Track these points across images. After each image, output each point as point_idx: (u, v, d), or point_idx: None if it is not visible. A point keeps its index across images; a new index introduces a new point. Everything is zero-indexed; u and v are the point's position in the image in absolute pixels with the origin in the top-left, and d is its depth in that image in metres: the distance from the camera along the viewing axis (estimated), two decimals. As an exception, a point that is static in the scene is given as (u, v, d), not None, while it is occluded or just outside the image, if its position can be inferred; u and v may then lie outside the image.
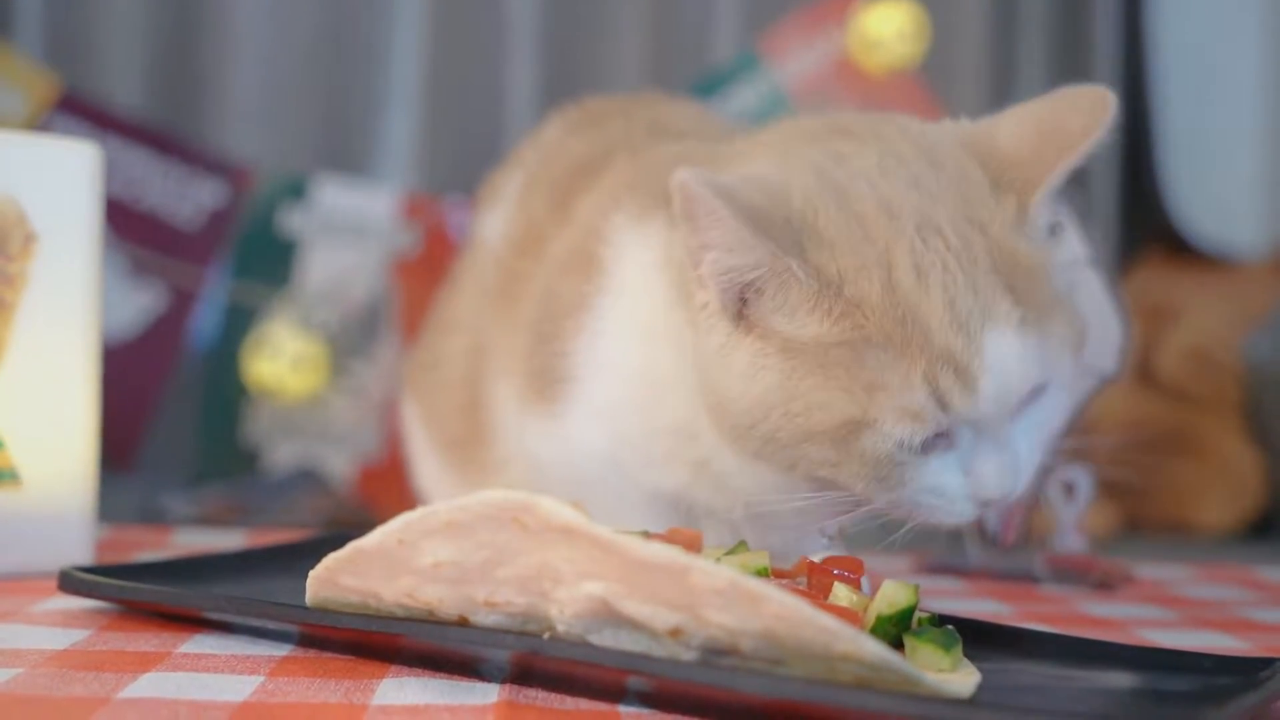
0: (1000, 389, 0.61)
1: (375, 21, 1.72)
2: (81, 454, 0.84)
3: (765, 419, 0.63)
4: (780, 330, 0.63)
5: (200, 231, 1.38)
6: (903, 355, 0.60)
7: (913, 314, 0.60)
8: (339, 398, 1.40)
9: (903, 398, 0.60)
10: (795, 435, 0.63)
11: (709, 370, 0.66)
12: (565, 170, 0.90)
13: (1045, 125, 0.67)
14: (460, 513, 0.54)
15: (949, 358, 0.60)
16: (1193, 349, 1.62)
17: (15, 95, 1.31)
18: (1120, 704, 0.58)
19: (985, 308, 0.61)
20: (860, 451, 0.61)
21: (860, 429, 0.61)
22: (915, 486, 0.63)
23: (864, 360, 0.60)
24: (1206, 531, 1.56)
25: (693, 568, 0.50)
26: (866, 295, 0.61)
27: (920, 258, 0.61)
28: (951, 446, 0.63)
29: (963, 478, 0.63)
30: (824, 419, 0.61)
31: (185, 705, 0.52)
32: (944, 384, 0.60)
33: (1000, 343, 0.61)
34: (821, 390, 0.61)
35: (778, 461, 0.65)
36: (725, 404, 0.65)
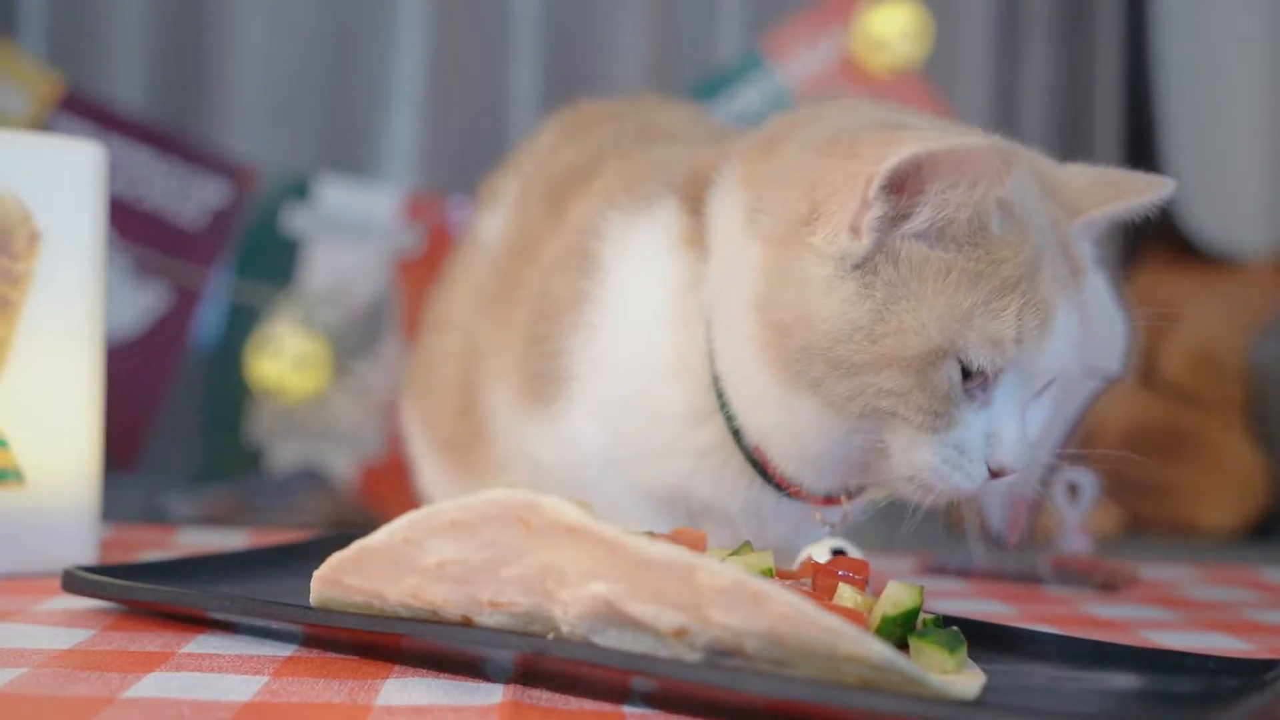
0: (1058, 348, 0.69)
1: (378, 22, 1.72)
2: (85, 453, 0.84)
3: (844, 342, 0.67)
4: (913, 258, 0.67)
5: (203, 231, 1.38)
6: (1013, 291, 0.67)
7: (1034, 264, 0.68)
8: (342, 397, 1.41)
9: (996, 324, 0.67)
10: (875, 359, 0.67)
11: (802, 294, 0.69)
12: (558, 176, 0.91)
13: (1107, 177, 0.76)
14: (465, 511, 0.54)
15: (1042, 306, 0.68)
16: (1196, 350, 1.62)
17: (19, 95, 1.31)
18: (1124, 705, 0.58)
19: (1066, 281, 0.70)
20: (934, 380, 0.67)
21: (940, 358, 0.66)
22: (952, 433, 0.68)
23: (975, 287, 0.67)
24: (1211, 533, 1.56)
25: (698, 567, 0.50)
26: (1022, 247, 0.68)
27: (1043, 229, 0.70)
28: (986, 404, 0.68)
29: (983, 441, 0.68)
30: (913, 344, 0.66)
31: (189, 705, 0.52)
32: (1029, 324, 0.67)
33: (1069, 312, 0.70)
34: (917, 315, 0.66)
35: (836, 391, 0.68)
36: (809, 325, 0.68)
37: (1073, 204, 0.74)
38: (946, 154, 0.64)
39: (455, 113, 1.72)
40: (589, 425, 0.80)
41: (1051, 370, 0.70)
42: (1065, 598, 0.93)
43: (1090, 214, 0.74)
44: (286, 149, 1.66)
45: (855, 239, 0.67)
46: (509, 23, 1.75)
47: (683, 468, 0.78)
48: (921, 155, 0.64)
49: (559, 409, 0.81)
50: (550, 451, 0.83)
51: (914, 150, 0.64)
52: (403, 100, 1.71)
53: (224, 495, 1.30)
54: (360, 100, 1.72)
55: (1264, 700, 0.52)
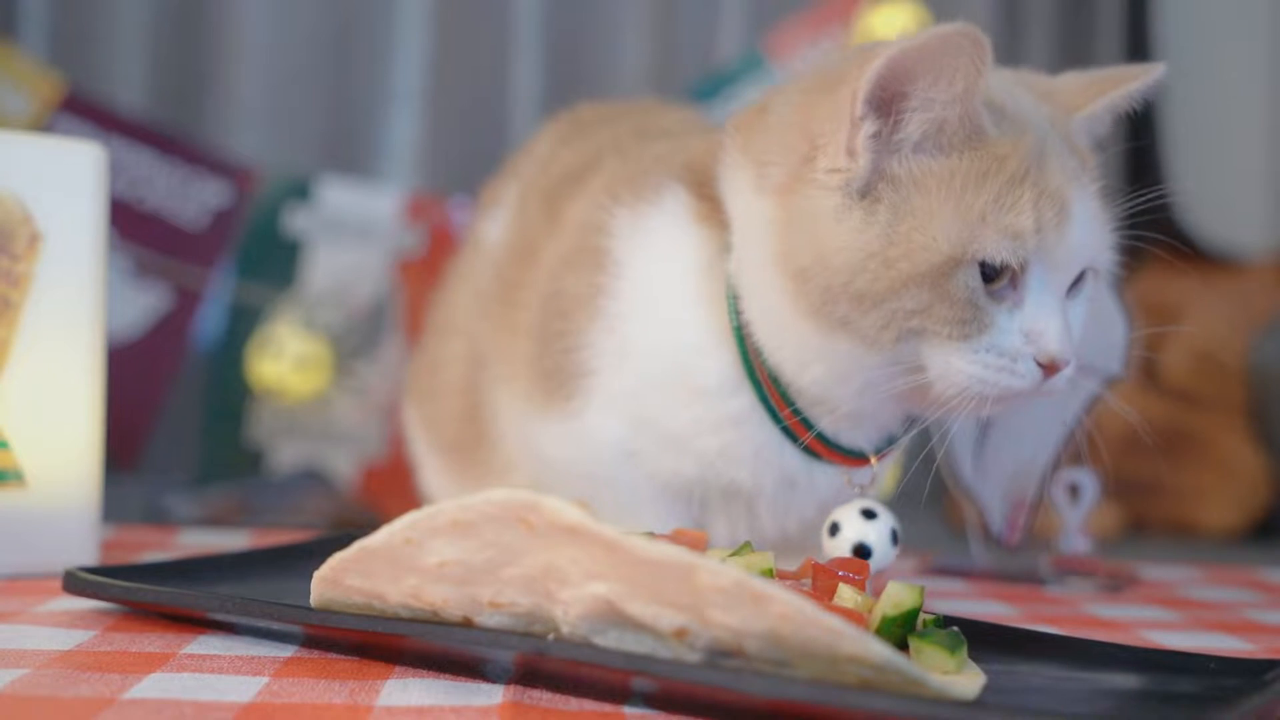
0: (1080, 235, 0.70)
1: (379, 22, 1.72)
2: (86, 454, 0.84)
3: (864, 270, 0.68)
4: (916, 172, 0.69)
5: (204, 232, 1.38)
6: (1022, 184, 0.68)
7: (1039, 157, 0.69)
8: (343, 398, 1.41)
9: (1012, 217, 0.68)
10: (892, 283, 0.67)
11: (814, 233, 0.70)
12: (555, 179, 0.92)
13: (1098, 74, 0.78)
14: (466, 512, 0.54)
15: (1057, 196, 0.69)
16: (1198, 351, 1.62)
17: (20, 96, 1.31)
18: (1125, 705, 0.58)
19: (1078, 173, 0.72)
20: (952, 290, 0.67)
21: (956, 266, 0.67)
22: (985, 337, 0.68)
23: (983, 187, 0.68)
24: (1211, 533, 1.56)
25: (698, 566, 0.50)
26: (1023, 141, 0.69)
27: (1045, 130, 0.71)
28: (1019, 304, 0.69)
29: (1022, 340, 0.69)
30: (927, 258, 0.67)
31: (190, 706, 0.52)
32: (1046, 213, 0.68)
33: (1085, 200, 0.71)
34: (925, 230, 0.67)
35: (866, 324, 0.69)
36: (825, 262, 0.69)
37: (1070, 103, 0.76)
38: (918, 49, 0.66)
39: (456, 113, 1.72)
40: (609, 418, 0.80)
41: (1078, 259, 0.71)
42: (1066, 598, 0.93)
43: (1089, 108, 0.76)
44: (287, 150, 1.66)
45: (852, 161, 0.69)
46: (510, 23, 1.75)
47: (711, 446, 0.78)
48: (895, 57, 0.66)
49: (576, 405, 0.81)
50: (565, 449, 0.83)
51: (888, 54, 0.66)
52: (404, 101, 1.71)
53: (225, 496, 1.30)
54: (361, 101, 1.72)
55: (1264, 700, 0.52)
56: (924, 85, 0.67)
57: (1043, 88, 0.77)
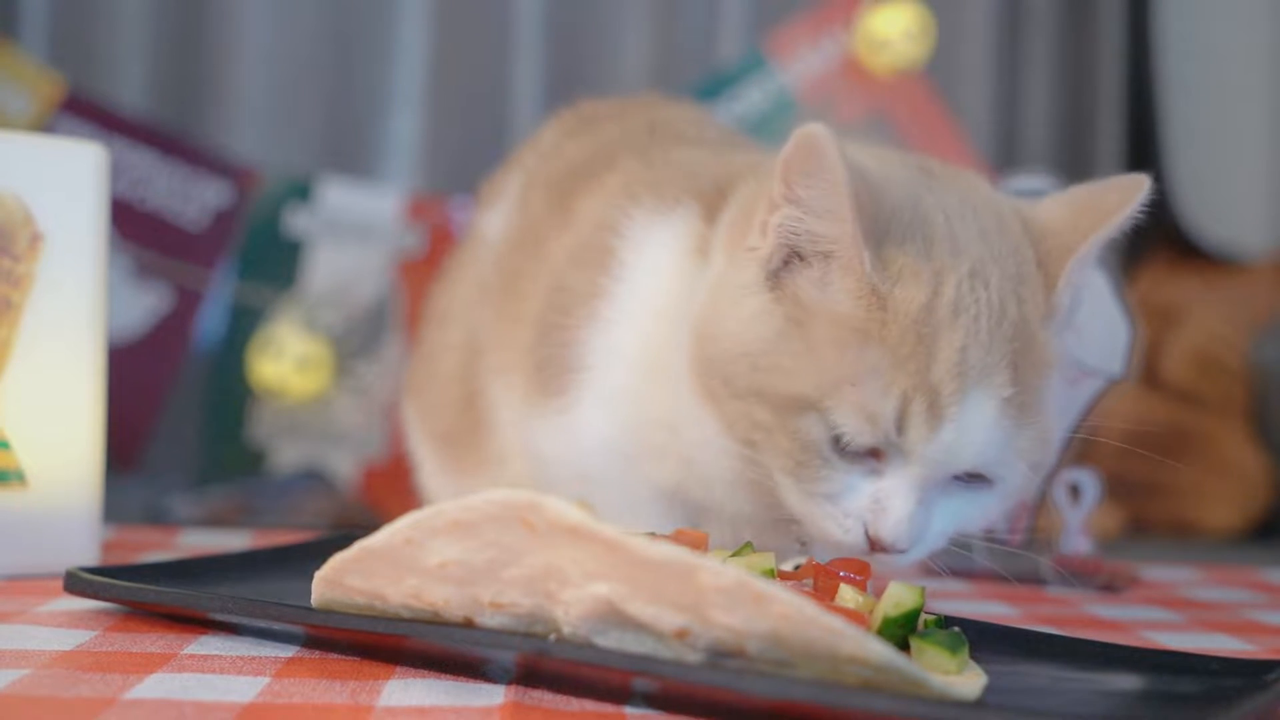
0: (954, 445, 0.63)
1: (380, 22, 1.72)
2: (87, 455, 0.84)
3: (735, 361, 0.67)
4: (802, 297, 0.66)
5: (205, 232, 1.38)
6: (899, 366, 0.63)
7: (930, 339, 0.63)
8: (344, 398, 1.41)
9: (871, 399, 0.62)
10: (749, 387, 0.66)
11: (719, 301, 0.70)
12: (562, 173, 0.91)
13: (1083, 202, 0.71)
14: (467, 512, 0.54)
15: (933, 392, 0.62)
16: (1199, 351, 1.62)
17: (21, 96, 1.31)
18: (1126, 706, 0.58)
19: (986, 370, 0.64)
20: (794, 429, 0.64)
21: (806, 409, 0.64)
22: (822, 487, 0.65)
23: (861, 353, 0.63)
24: (1213, 533, 1.56)
25: (699, 567, 0.50)
26: (906, 303, 0.63)
27: (962, 298, 0.64)
28: (876, 473, 0.65)
29: (867, 505, 0.65)
30: (780, 386, 0.64)
31: (191, 706, 0.52)
32: (914, 410, 0.62)
33: (980, 407, 0.63)
34: (797, 360, 0.64)
35: (726, 410, 0.68)
36: (715, 334, 0.69)
37: (1059, 245, 0.69)
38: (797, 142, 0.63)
39: (457, 113, 1.72)
40: (599, 416, 0.80)
41: (952, 465, 0.64)
42: (1067, 598, 0.93)
43: (1081, 250, 0.69)
44: (288, 150, 1.66)
45: (762, 240, 0.68)
46: (510, 23, 1.75)
47: (675, 473, 0.78)
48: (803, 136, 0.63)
49: (568, 400, 0.81)
50: (556, 445, 0.82)
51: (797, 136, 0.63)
52: (404, 101, 1.71)
53: (226, 496, 1.30)
54: (362, 101, 1.72)
55: (1265, 700, 0.52)
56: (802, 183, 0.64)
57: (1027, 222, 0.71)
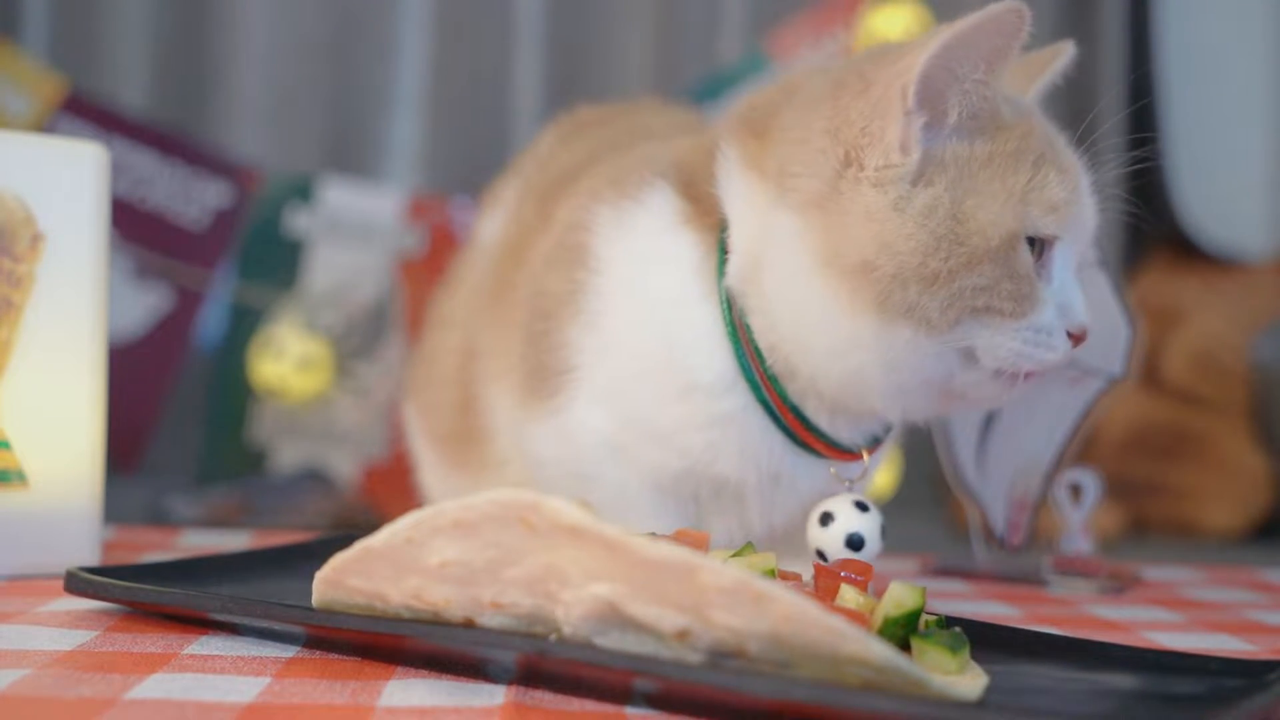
0: (1091, 209, 0.77)
1: (381, 22, 1.72)
2: (88, 455, 0.84)
3: (936, 251, 0.70)
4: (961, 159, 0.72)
5: (206, 232, 1.38)
6: (1046, 161, 0.73)
7: (1049, 136, 0.75)
8: (344, 398, 1.41)
9: (1048, 193, 0.72)
10: (966, 259, 0.70)
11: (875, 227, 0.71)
12: (552, 179, 0.93)
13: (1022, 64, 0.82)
14: (467, 511, 0.54)
15: (1072, 171, 0.75)
16: (1199, 351, 1.62)
17: (22, 96, 1.31)
18: (1127, 706, 0.58)
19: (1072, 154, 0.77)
20: (1014, 265, 0.71)
21: (1014, 241, 0.71)
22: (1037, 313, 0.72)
23: (1019, 167, 0.72)
24: (1213, 534, 1.56)
25: (701, 566, 0.50)
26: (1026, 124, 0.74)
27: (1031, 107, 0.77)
28: (1049, 280, 0.73)
29: (1058, 316, 0.73)
30: (995, 232, 0.70)
31: (192, 706, 0.52)
32: (1069, 188, 0.73)
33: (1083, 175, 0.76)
34: (987, 207, 0.71)
35: (932, 306, 0.70)
36: (893, 250, 0.70)
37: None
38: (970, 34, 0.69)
39: (457, 114, 1.72)
40: (593, 413, 0.80)
41: (1089, 230, 0.77)
42: (1068, 599, 0.93)
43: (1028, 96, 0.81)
44: (289, 150, 1.66)
45: (906, 155, 0.71)
46: (511, 23, 1.75)
47: (697, 442, 0.78)
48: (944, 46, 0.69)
49: (560, 402, 0.81)
50: (552, 447, 0.83)
51: (939, 44, 0.68)
52: (405, 101, 1.71)
53: (226, 496, 1.30)
54: (362, 101, 1.72)
55: (1266, 701, 0.52)
56: (964, 73, 0.70)
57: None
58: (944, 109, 0.71)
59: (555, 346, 0.81)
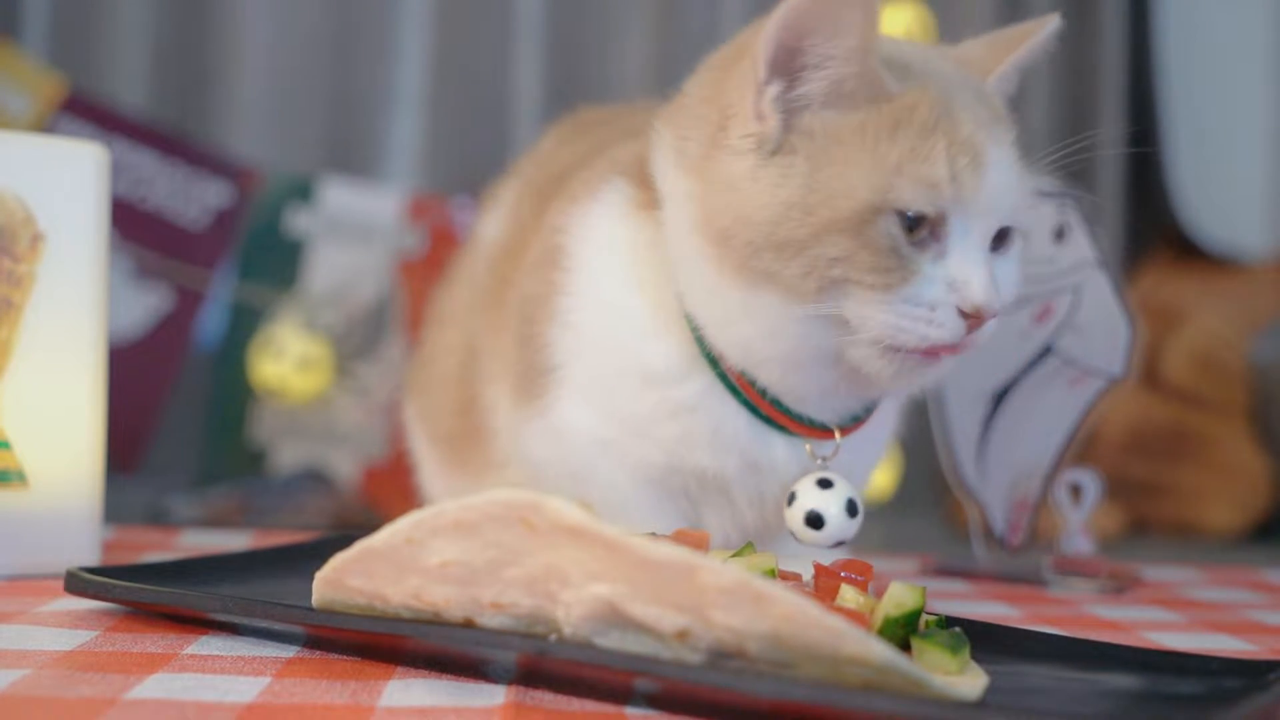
0: (997, 185, 0.71)
1: (381, 23, 1.72)
2: (88, 455, 0.84)
3: (786, 220, 0.69)
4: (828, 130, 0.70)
5: (206, 232, 1.38)
6: (933, 134, 0.70)
7: (947, 109, 0.71)
8: (344, 398, 1.41)
9: (924, 168, 0.69)
10: (815, 229, 0.69)
11: (734, 194, 0.71)
12: (549, 180, 0.93)
13: (1000, 37, 0.82)
14: (468, 512, 0.54)
15: (969, 145, 0.70)
16: (1199, 351, 1.62)
17: (22, 96, 1.31)
18: (1127, 706, 0.58)
19: (993, 123, 0.73)
20: (873, 238, 0.68)
21: (875, 214, 0.68)
22: (908, 288, 0.69)
23: (895, 140, 0.69)
24: (1213, 534, 1.56)
25: (701, 567, 0.50)
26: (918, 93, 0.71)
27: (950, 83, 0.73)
28: (942, 255, 0.70)
29: (946, 290, 0.70)
30: (845, 206, 0.68)
31: (192, 706, 0.52)
32: (960, 163, 0.70)
33: (1001, 150, 0.72)
34: (846, 174, 0.69)
35: (790, 272, 0.70)
36: (747, 218, 0.70)
37: (982, 66, 0.79)
38: (806, 6, 0.68)
39: (457, 114, 1.72)
40: (577, 411, 0.81)
41: (998, 208, 0.72)
42: (1068, 599, 0.93)
43: (999, 68, 0.79)
44: (289, 150, 1.66)
45: (762, 124, 0.71)
46: (511, 23, 1.75)
47: (671, 432, 0.78)
48: (786, 16, 0.68)
49: (547, 402, 0.82)
50: (544, 447, 0.83)
51: (779, 14, 0.68)
52: (405, 101, 1.71)
53: (226, 497, 1.30)
54: (362, 101, 1.72)
55: (1266, 701, 0.52)
56: (819, 41, 0.69)
57: (953, 54, 0.80)
58: (802, 78, 0.70)
59: (539, 347, 0.82)
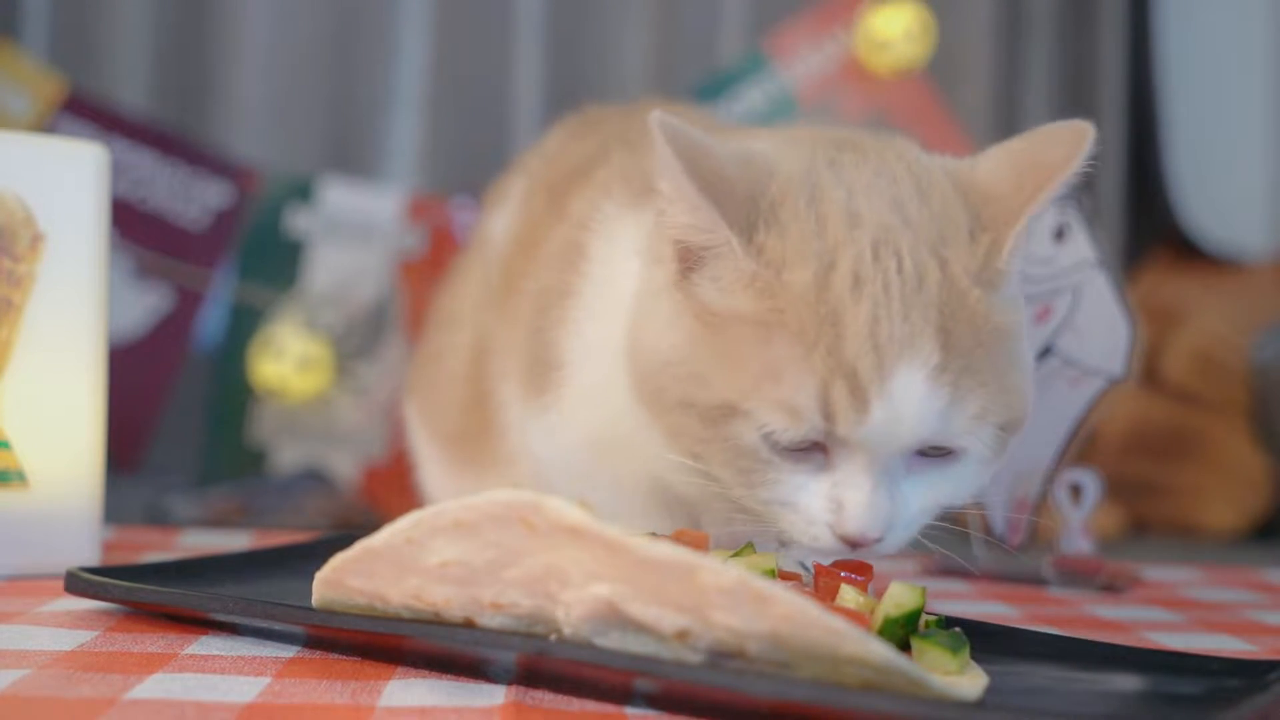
0: (889, 423, 0.59)
1: (382, 23, 1.72)
2: (87, 455, 0.84)
3: (660, 373, 0.65)
4: (704, 298, 0.63)
5: (206, 232, 1.38)
6: (808, 353, 0.59)
7: (833, 318, 0.59)
8: (344, 398, 1.41)
9: (789, 391, 0.59)
10: (677, 399, 0.64)
11: (641, 309, 0.68)
12: (563, 173, 0.92)
13: (1024, 160, 0.65)
14: (468, 511, 0.54)
15: (850, 373, 0.58)
16: (1199, 351, 1.62)
17: (22, 96, 1.31)
18: (1127, 707, 0.58)
19: (907, 340, 0.59)
20: (727, 436, 0.61)
21: (732, 414, 0.61)
22: (776, 492, 0.62)
23: (768, 346, 0.60)
24: (1213, 534, 1.56)
25: (700, 567, 0.50)
26: (796, 284, 0.60)
27: (864, 269, 0.60)
28: (827, 468, 0.61)
29: (825, 503, 0.61)
30: (701, 394, 0.62)
31: (192, 706, 0.52)
32: (835, 395, 0.59)
33: (908, 380, 0.59)
34: (711, 364, 0.62)
35: (664, 424, 0.66)
36: (641, 344, 0.67)
37: (1002, 210, 0.64)
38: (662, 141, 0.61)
39: (457, 114, 1.72)
40: (579, 413, 0.79)
41: (895, 444, 0.60)
42: (1068, 599, 0.93)
43: (1024, 215, 0.63)
44: (289, 150, 1.66)
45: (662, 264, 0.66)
46: (511, 24, 1.75)
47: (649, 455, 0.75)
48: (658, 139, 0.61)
49: (551, 399, 0.80)
50: (545, 444, 0.82)
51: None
52: (405, 102, 1.71)
53: (226, 497, 1.30)
54: (362, 102, 1.72)
55: (1266, 701, 0.52)
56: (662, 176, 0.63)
57: (965, 186, 0.65)
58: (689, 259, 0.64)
59: (549, 342, 0.80)
